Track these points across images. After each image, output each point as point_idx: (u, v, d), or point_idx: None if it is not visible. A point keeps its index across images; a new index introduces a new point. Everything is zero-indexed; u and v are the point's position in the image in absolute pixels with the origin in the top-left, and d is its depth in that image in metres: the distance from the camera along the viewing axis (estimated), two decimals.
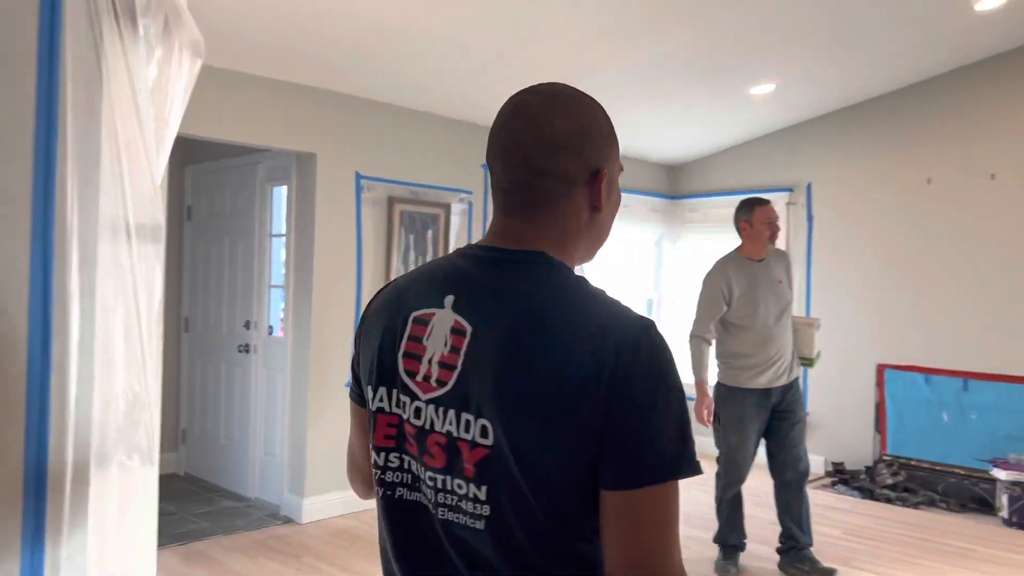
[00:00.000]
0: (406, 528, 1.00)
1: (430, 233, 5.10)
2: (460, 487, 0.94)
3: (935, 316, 5.46)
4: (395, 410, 1.00)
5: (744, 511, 3.92)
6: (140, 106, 1.66)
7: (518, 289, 0.97)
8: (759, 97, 5.51)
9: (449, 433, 0.94)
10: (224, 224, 5.31)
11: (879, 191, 5.76)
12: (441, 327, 0.97)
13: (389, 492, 1.01)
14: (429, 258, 5.09)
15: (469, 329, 0.96)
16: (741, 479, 3.81)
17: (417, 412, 0.97)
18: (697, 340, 3.83)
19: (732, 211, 3.73)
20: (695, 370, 3.82)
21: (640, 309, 6.12)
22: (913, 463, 5.46)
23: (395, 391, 1.00)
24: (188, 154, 5.43)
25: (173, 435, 5.56)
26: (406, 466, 1.00)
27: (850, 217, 5.80)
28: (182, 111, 1.99)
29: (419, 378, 0.98)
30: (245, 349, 5.07)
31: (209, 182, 5.46)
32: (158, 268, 1.75)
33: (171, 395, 5.47)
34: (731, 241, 3.99)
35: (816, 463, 5.92)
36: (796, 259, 6.18)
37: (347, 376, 4.72)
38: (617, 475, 0.88)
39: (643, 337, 0.92)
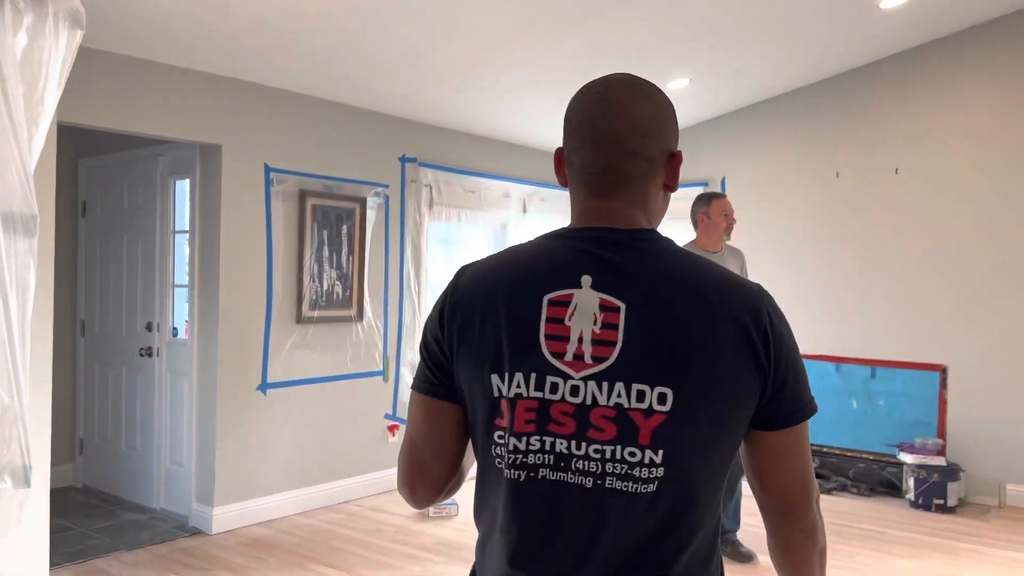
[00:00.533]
0: (551, 507, 1.02)
1: (345, 228, 4.93)
2: (633, 455, 0.99)
3: (844, 306, 5.62)
4: (535, 393, 1.02)
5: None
6: (6, 79, 1.47)
7: (657, 265, 1.04)
8: (675, 91, 5.54)
9: (619, 405, 0.99)
10: (123, 220, 5.01)
11: (790, 184, 5.89)
12: (586, 306, 1.02)
13: (532, 474, 1.02)
14: (344, 254, 4.92)
15: (623, 306, 1.01)
16: None
17: (574, 391, 1.01)
18: None
19: None
20: None
21: None
22: (825, 450, 5.61)
23: (535, 374, 1.02)
24: (82, 146, 5.10)
25: (69, 445, 5.23)
26: (548, 447, 1.02)
27: (762, 210, 5.91)
28: (60, 89, 1.80)
29: (568, 358, 1.01)
30: (148, 352, 4.79)
31: (106, 176, 5.14)
32: (33, 264, 1.56)
33: (66, 403, 5.14)
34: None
35: None
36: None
37: (257, 378, 4.53)
38: (788, 415, 1.04)
39: (770, 299, 1.06)
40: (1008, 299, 5.01)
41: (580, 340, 1.02)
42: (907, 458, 5.07)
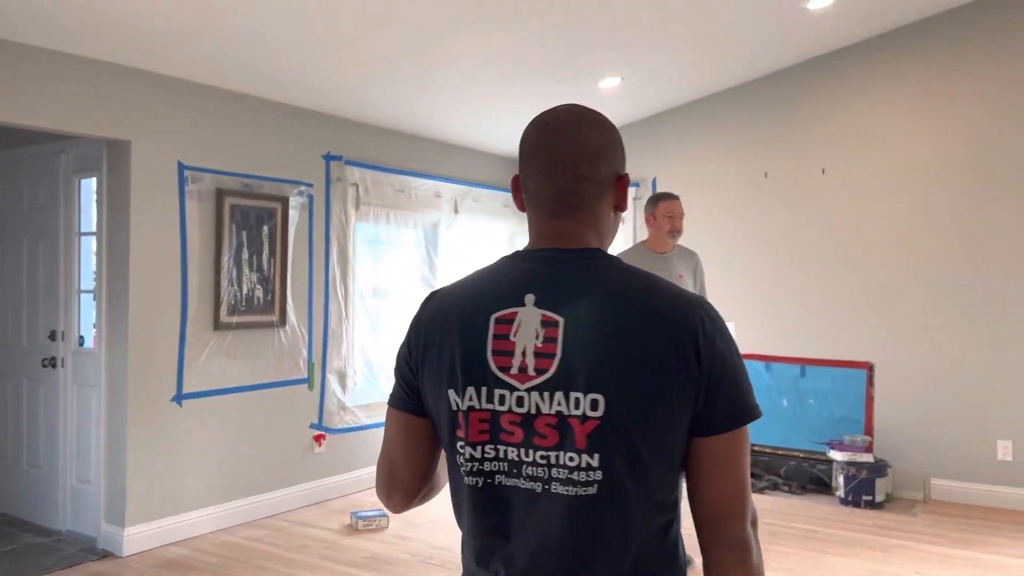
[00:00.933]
0: (507, 511, 1.10)
1: (266, 229, 4.70)
2: (572, 459, 1.05)
3: (774, 305, 5.66)
4: (487, 405, 1.10)
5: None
6: None
7: (596, 281, 1.10)
8: (607, 91, 5.49)
9: (560, 413, 1.06)
10: (22, 222, 4.66)
11: (721, 185, 5.90)
12: (529, 322, 1.09)
13: (489, 480, 1.11)
14: (265, 256, 4.69)
15: (561, 320, 1.08)
16: None
17: (520, 401, 1.08)
18: None
19: None
20: None
21: None
22: (756, 449, 5.63)
23: (486, 388, 1.09)
24: None
25: None
26: (502, 455, 1.09)
27: (693, 210, 5.88)
28: None
29: (514, 371, 1.09)
30: (51, 363, 4.46)
31: (2, 174, 4.78)
32: None
33: None
34: None
35: None
36: None
37: (172, 389, 4.26)
38: (722, 420, 1.06)
39: (710, 309, 1.10)
40: (931, 297, 5.11)
41: (524, 354, 1.09)
42: (837, 455, 5.12)
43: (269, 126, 4.77)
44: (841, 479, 5.05)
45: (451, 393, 1.12)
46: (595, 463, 1.04)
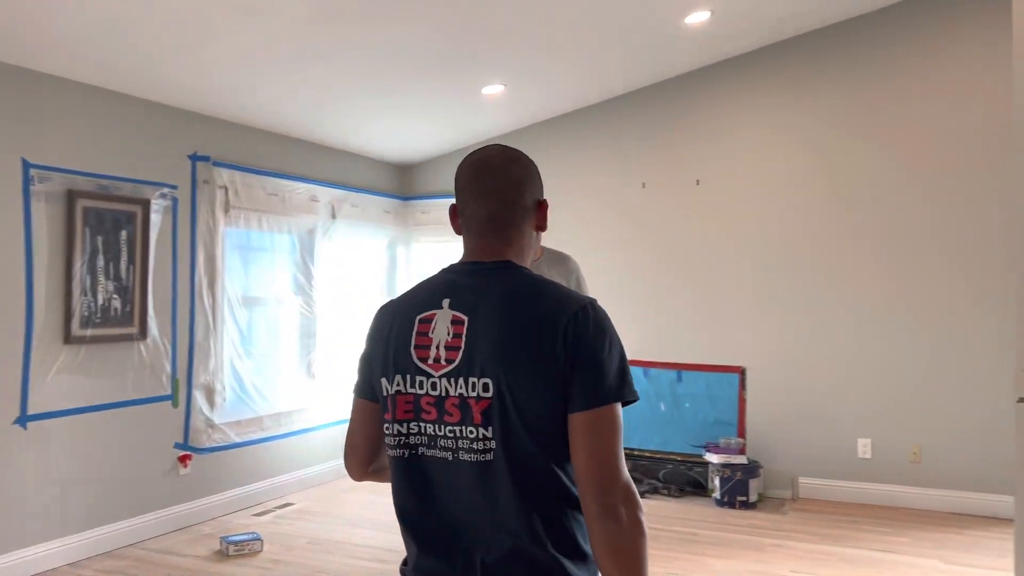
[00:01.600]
0: (426, 475, 1.35)
1: (125, 234, 4.33)
2: (471, 432, 1.29)
3: (651, 312, 5.77)
4: (411, 390, 1.35)
5: None
6: None
7: (496, 287, 1.35)
8: (491, 97, 5.43)
9: (461, 395, 1.30)
10: None
11: (601, 194, 5.98)
12: (443, 321, 1.34)
13: (413, 452, 1.36)
14: (124, 264, 4.32)
15: (466, 319, 1.32)
16: None
17: (433, 386, 1.33)
18: None
19: None
20: None
21: (372, 316, 5.65)
22: (636, 453, 5.72)
23: (410, 375, 1.35)
24: None
25: None
26: (423, 431, 1.34)
27: (576, 219, 5.94)
28: None
29: (430, 361, 1.33)
30: None
31: None
32: None
33: None
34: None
35: None
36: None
37: (15, 410, 3.85)
38: (584, 399, 1.25)
39: (588, 307, 1.31)
40: (800, 303, 5.35)
41: (438, 347, 1.34)
42: (713, 458, 5.26)
43: (128, 123, 4.41)
44: (717, 481, 5.20)
45: (383, 381, 1.39)
46: (489, 434, 1.28)
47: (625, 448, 5.96)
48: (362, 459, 1.52)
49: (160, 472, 4.59)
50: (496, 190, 1.40)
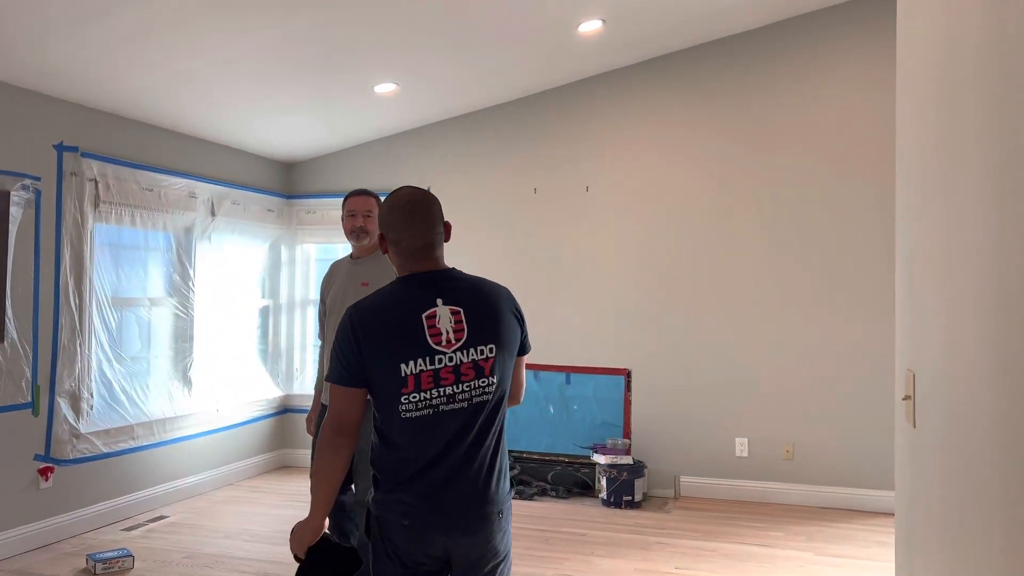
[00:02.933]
0: (445, 425, 1.89)
1: None
2: (483, 382, 1.91)
3: (542, 315, 5.82)
4: (431, 367, 1.87)
5: None
6: None
7: (462, 285, 1.97)
8: (383, 96, 5.34)
9: (473, 360, 1.91)
10: None
11: (492, 197, 5.98)
12: (444, 314, 1.90)
13: (435, 410, 1.88)
14: None
15: (461, 309, 1.92)
16: None
17: (449, 359, 1.89)
18: (321, 347, 3.44)
19: None
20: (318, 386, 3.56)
21: (253, 320, 5.40)
22: (525, 455, 5.76)
23: (428, 356, 1.87)
24: None
25: None
26: (443, 393, 1.88)
27: (467, 222, 5.91)
28: None
29: (443, 343, 1.89)
30: None
31: None
32: None
33: None
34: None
35: None
36: None
37: None
38: (524, 347, 2.06)
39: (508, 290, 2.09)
40: (682, 307, 5.54)
41: (446, 332, 1.90)
42: (600, 459, 5.36)
43: None
44: (604, 481, 5.29)
45: (402, 365, 1.86)
46: (494, 380, 1.93)
47: (515, 451, 6.03)
48: (352, 434, 1.92)
49: (18, 486, 4.23)
50: (428, 226, 1.95)
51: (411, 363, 1.84)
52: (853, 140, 5.20)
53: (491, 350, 1.90)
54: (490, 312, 1.93)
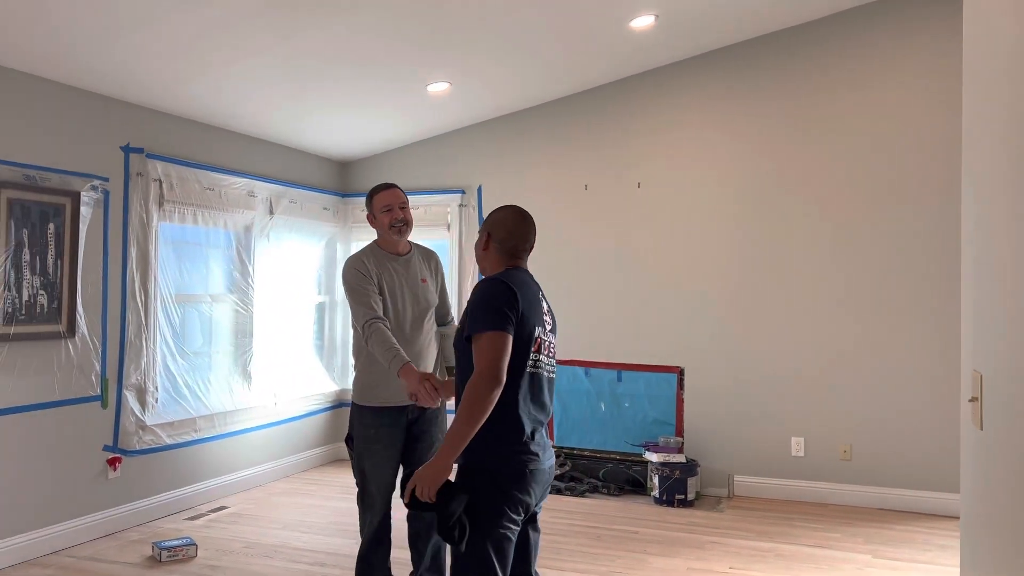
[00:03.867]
0: (542, 384, 2.36)
1: (52, 227, 4.14)
2: (553, 361, 2.42)
3: (593, 312, 5.82)
4: (543, 337, 2.35)
5: (390, 549, 3.35)
6: None
7: (536, 282, 2.48)
8: (435, 95, 5.39)
9: (551, 341, 2.42)
10: None
11: (543, 195, 5.99)
12: (543, 300, 2.45)
13: (537, 370, 2.34)
14: (51, 258, 4.12)
15: (544, 302, 2.45)
16: (378, 512, 3.26)
17: (546, 336, 2.39)
18: (372, 324, 3.08)
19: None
20: (389, 358, 2.99)
21: (310, 316, 5.47)
22: (576, 452, 5.76)
23: (541, 327, 2.36)
24: None
25: None
26: (546, 362, 2.37)
27: None
28: None
29: (547, 322, 2.42)
30: None
31: None
32: None
33: None
34: None
35: None
36: (468, 259, 6.20)
37: None
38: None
39: None
40: (736, 303, 5.47)
41: (546, 315, 2.44)
42: (652, 457, 5.34)
43: (58, 112, 4.22)
44: (656, 479, 5.27)
45: (536, 328, 2.32)
46: (555, 361, 2.43)
47: (565, 447, 6.04)
48: (504, 381, 2.27)
49: (88, 476, 4.40)
50: (533, 234, 2.48)
51: (538, 329, 2.30)
52: (915, 133, 5.07)
53: (554, 338, 2.43)
54: (550, 307, 2.49)
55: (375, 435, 3.22)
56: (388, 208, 3.28)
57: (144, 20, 3.71)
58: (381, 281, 3.24)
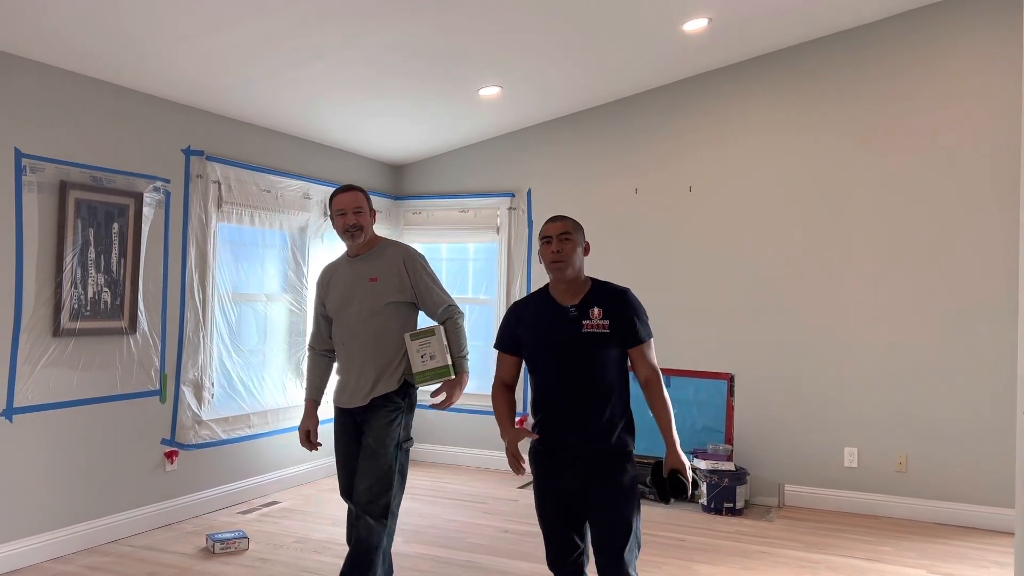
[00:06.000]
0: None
1: (116, 227, 4.29)
2: None
3: None
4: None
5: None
6: None
7: None
8: (486, 99, 5.43)
9: None
10: None
11: (593, 198, 5.99)
12: None
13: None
14: (115, 257, 4.28)
15: None
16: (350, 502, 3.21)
17: None
18: (309, 349, 3.44)
19: (455, 214, 3.33)
20: (305, 386, 3.47)
21: None
22: None
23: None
24: None
25: None
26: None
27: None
28: None
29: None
30: None
31: None
32: None
33: None
34: (455, 244, 3.68)
35: None
36: (517, 262, 6.22)
37: (1, 402, 3.79)
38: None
39: None
40: (788, 310, 5.39)
41: None
42: (701, 464, 5.28)
43: (122, 115, 4.37)
44: (704, 487, 5.21)
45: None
46: None
47: None
48: (510, 385, 2.81)
49: (146, 468, 4.54)
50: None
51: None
52: (976, 139, 4.93)
53: None
54: None
55: (337, 432, 3.34)
56: (341, 212, 3.16)
57: (212, 29, 3.82)
58: (333, 287, 3.26)
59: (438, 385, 3.17)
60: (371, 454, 3.13)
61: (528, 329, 2.66)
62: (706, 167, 5.66)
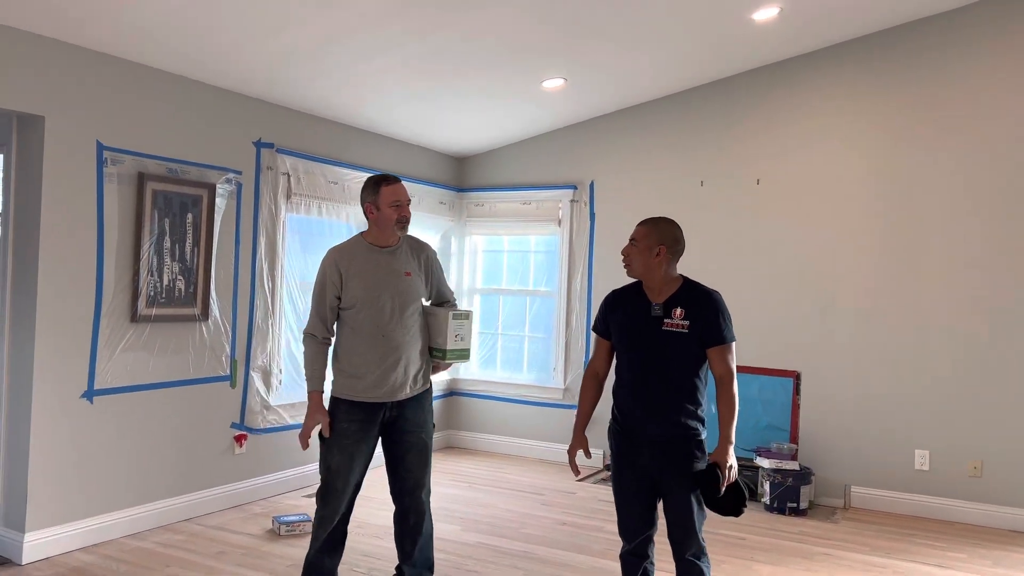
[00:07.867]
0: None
1: (190, 217, 4.44)
2: None
3: None
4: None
5: (341, 557, 3.27)
6: None
7: None
8: (550, 91, 5.42)
9: None
10: None
11: (657, 191, 5.92)
12: None
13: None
14: (189, 246, 4.44)
15: None
16: (338, 511, 3.16)
17: None
18: (307, 337, 3.18)
19: (517, 206, 3.30)
20: (308, 375, 3.19)
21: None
22: None
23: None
24: None
25: None
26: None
27: (629, 215, 5.89)
28: None
29: None
30: None
31: None
32: None
33: None
34: (517, 236, 3.70)
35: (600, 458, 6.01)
36: (579, 254, 6.20)
37: (83, 384, 3.98)
38: None
39: None
40: (857, 309, 5.24)
41: None
42: (764, 463, 5.19)
43: (197, 109, 4.52)
44: (767, 486, 5.12)
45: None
46: None
47: None
48: (602, 379, 2.99)
49: (217, 450, 4.70)
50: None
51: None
52: None
53: None
54: None
55: (346, 429, 3.11)
56: (398, 204, 3.12)
57: (285, 24, 3.92)
58: (357, 277, 3.12)
59: (460, 363, 3.42)
60: (422, 447, 3.23)
61: (617, 319, 2.87)
62: (775, 159, 5.53)
